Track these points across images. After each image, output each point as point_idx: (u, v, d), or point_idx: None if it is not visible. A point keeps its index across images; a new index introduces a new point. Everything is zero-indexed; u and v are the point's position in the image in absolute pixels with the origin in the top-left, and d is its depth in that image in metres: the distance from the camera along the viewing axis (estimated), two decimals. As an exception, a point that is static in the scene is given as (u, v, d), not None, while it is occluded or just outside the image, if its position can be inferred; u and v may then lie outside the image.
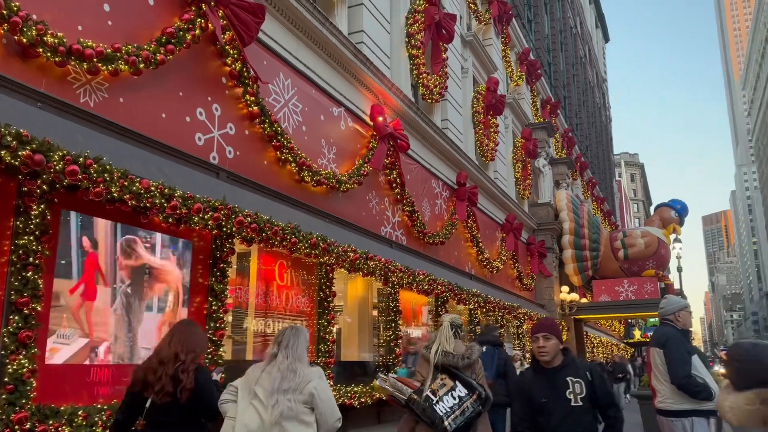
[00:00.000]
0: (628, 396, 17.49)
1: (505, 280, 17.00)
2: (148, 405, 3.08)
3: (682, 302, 4.57)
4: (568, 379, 3.39)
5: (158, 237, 5.38)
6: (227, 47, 6.57)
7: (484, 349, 5.94)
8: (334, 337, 7.76)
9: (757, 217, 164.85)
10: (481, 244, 14.65)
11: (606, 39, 56.58)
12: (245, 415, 3.11)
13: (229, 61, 6.65)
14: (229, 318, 6.25)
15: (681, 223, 22.94)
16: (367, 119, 9.84)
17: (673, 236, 22.70)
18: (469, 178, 14.15)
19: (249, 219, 5.65)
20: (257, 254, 6.95)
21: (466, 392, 3.92)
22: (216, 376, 4.24)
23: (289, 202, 7.47)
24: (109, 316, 4.88)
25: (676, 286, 25.08)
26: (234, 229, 5.50)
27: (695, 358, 4.30)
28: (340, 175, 8.66)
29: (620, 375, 18.46)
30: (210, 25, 6.28)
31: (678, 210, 22.85)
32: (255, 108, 6.95)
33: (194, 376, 3.11)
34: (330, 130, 8.78)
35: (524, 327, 16.39)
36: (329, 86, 8.88)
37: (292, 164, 7.55)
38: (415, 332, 11.10)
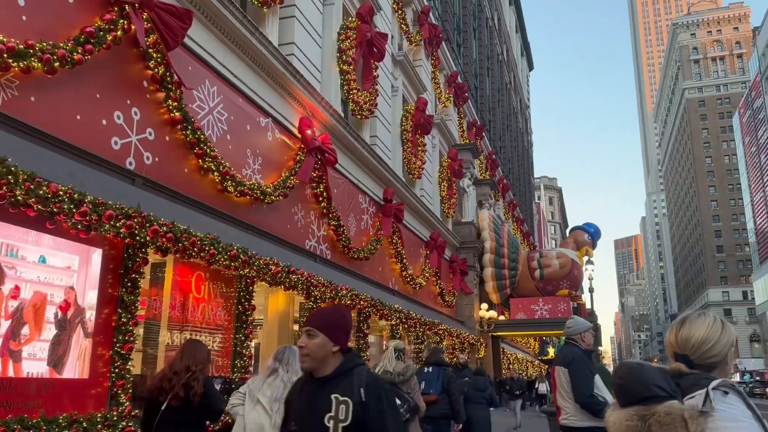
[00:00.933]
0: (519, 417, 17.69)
1: (428, 297, 17.25)
2: (163, 407, 3.83)
3: (587, 324, 4.80)
4: (333, 397, 2.32)
5: (53, 244, 5.11)
6: (150, 51, 6.38)
7: (431, 369, 7.25)
8: (252, 352, 7.61)
9: (664, 242, 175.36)
10: (405, 261, 14.82)
11: (530, 67, 59.02)
12: (251, 416, 3.92)
13: (151, 64, 6.46)
14: (140, 331, 6.00)
15: (594, 246, 24.10)
16: (296, 131, 9.79)
17: (586, 258, 23.80)
18: (395, 194, 14.32)
19: (165, 228, 5.46)
20: (173, 265, 6.73)
21: (399, 403, 4.80)
22: (217, 386, 5.45)
23: (210, 212, 7.30)
24: None
25: (588, 306, 26.26)
26: (148, 238, 5.30)
27: (597, 378, 4.52)
28: (266, 186, 8.55)
29: (518, 392, 18.98)
30: (133, 27, 6.08)
31: (591, 233, 24.01)
32: (177, 114, 6.77)
33: (203, 383, 3.91)
34: (256, 140, 8.66)
35: (444, 343, 16.65)
36: (257, 96, 8.78)
37: (215, 173, 7.39)
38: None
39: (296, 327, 9.56)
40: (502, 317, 23.18)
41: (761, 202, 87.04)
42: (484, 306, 21.66)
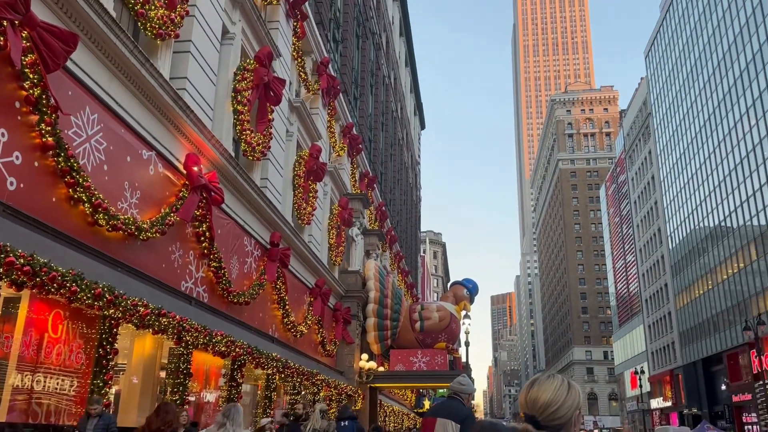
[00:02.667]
0: None
1: (308, 345, 16.93)
2: None
3: (474, 387, 4.99)
4: None
5: None
6: (27, 71, 5.96)
7: (347, 423, 9.01)
8: (110, 399, 7.02)
9: (535, 301, 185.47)
10: (288, 307, 14.52)
11: (422, 126, 61.58)
12: None
13: (27, 85, 6.02)
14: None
15: (471, 301, 24.98)
16: (181, 167, 9.46)
17: (463, 312, 24.58)
18: (283, 239, 14.12)
19: (22, 260, 5.00)
20: (29, 301, 6.15)
21: None
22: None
23: (76, 246, 6.79)
24: None
25: (464, 359, 26.97)
26: (1, 270, 4.82)
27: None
28: (142, 222, 8.11)
29: None
30: (9, 44, 5.67)
31: (470, 289, 24.92)
32: (50, 139, 6.32)
33: None
34: (136, 173, 8.25)
35: (321, 394, 16.33)
36: (142, 128, 8.42)
37: (86, 204, 6.92)
38: (210, 396, 10.51)
39: (163, 374, 8.98)
40: (381, 368, 23.20)
41: (622, 269, 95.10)
42: (365, 356, 21.60)
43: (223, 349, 9.11)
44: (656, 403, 74.14)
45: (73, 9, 6.86)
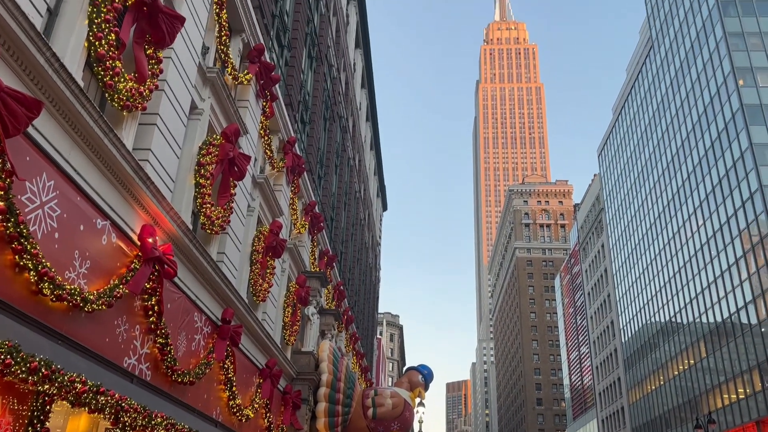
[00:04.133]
0: None
1: (254, 431, 16.13)
2: None
3: None
4: None
5: None
6: (-16, 132, 5.87)
7: None
8: (33, 485, 6.46)
9: (491, 389, 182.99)
10: (235, 388, 13.91)
11: (384, 208, 62.42)
12: None
13: (-18, 147, 5.91)
14: None
15: (426, 388, 24.46)
16: (135, 238, 9.25)
17: (418, 400, 24.00)
18: (235, 315, 13.74)
19: (-47, 330, 4.72)
20: (-45, 373, 5.74)
21: None
22: None
23: (16, 316, 6.45)
24: None
25: (417, 450, 26.05)
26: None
27: None
28: (88, 293, 7.80)
29: None
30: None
31: (425, 375, 24.45)
32: (1, 203, 6.14)
33: None
34: (88, 242, 8.03)
35: (264, 484, 15.41)
36: (99, 197, 8.28)
37: (32, 272, 6.65)
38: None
39: (95, 457, 8.37)
40: (329, 457, 22.15)
41: (576, 360, 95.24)
42: (313, 444, 20.66)
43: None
44: (610, 501, 72.72)
45: (41, 76, 6.87)
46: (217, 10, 12.83)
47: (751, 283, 46.69)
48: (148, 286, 9.43)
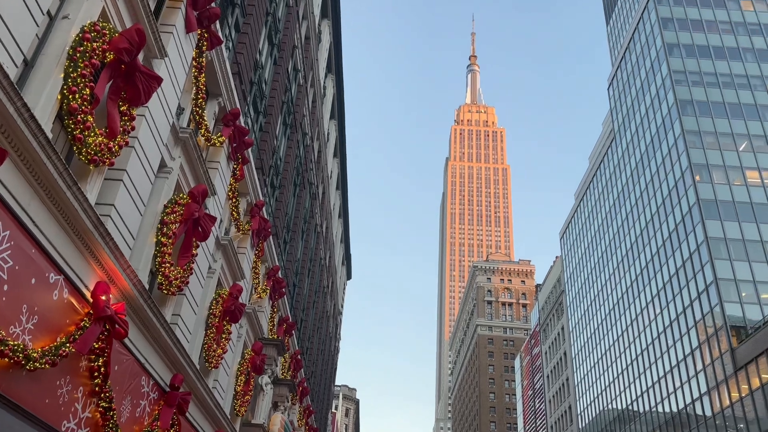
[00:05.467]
0: None
1: (193, 507, 15.15)
2: None
3: None
4: None
5: None
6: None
7: None
8: None
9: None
10: (177, 460, 13.15)
11: (348, 276, 62.01)
12: None
13: (-62, 191, 5.73)
14: None
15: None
16: (88, 295, 8.93)
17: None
18: (185, 382, 13.19)
19: None
20: None
21: None
22: None
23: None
24: None
25: None
26: None
27: None
28: (32, 350, 7.43)
29: None
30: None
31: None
32: (-51, 251, 5.90)
33: None
34: (38, 296, 7.72)
35: None
36: (55, 250, 8.03)
37: (-27, 326, 6.33)
38: None
39: None
40: None
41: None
42: None
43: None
44: None
45: (9, 125, 6.79)
46: (196, 73, 13.02)
47: (706, 375, 47.18)
48: (96, 346, 9.03)
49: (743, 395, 42.04)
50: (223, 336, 16.36)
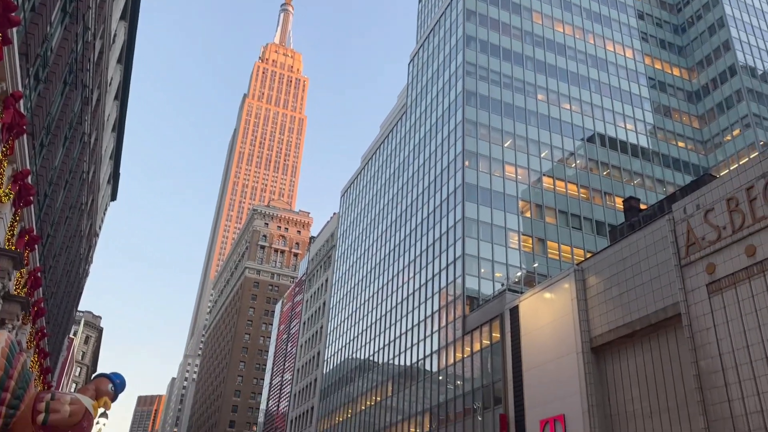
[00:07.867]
0: None
1: None
2: None
3: None
4: None
5: None
6: None
7: None
8: None
9: (186, 407, 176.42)
10: None
11: (113, 197, 57.14)
12: None
13: None
14: None
15: (114, 398, 22.47)
16: None
17: (101, 410, 21.92)
18: None
19: None
20: None
21: None
22: None
23: None
24: None
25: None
26: None
27: None
28: None
29: None
30: None
31: (116, 384, 22.44)
32: None
33: None
34: None
35: None
36: None
37: None
38: None
39: None
40: (-27, 467, 18.83)
41: (277, 386, 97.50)
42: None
43: None
44: None
45: None
46: None
47: (439, 336, 53.52)
48: None
49: (465, 356, 48.68)
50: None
